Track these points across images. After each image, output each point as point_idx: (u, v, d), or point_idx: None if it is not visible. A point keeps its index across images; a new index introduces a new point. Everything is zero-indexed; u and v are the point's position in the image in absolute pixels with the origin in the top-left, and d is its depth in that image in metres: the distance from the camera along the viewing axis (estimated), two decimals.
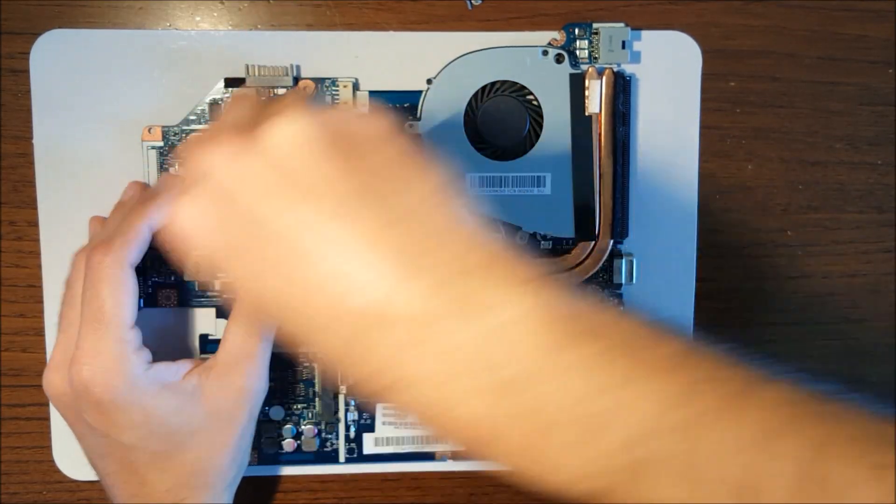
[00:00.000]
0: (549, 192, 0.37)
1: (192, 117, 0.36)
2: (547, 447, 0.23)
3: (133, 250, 0.32)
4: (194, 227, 0.25)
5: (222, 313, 0.37)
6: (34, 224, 0.37)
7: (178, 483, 0.33)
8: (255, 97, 0.28)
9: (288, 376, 0.38)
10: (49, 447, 0.38)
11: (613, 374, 0.22)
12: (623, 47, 0.37)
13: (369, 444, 0.39)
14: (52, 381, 0.32)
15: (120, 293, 0.31)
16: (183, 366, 0.33)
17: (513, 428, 0.23)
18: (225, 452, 0.34)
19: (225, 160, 0.25)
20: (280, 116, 0.25)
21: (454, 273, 0.23)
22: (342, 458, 0.39)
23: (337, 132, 0.25)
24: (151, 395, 0.32)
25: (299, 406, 0.38)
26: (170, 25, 0.37)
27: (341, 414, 0.38)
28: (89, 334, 0.31)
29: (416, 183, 0.25)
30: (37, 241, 0.37)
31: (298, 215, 0.24)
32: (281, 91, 0.36)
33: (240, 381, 0.33)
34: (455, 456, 0.39)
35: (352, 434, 0.38)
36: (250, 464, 0.38)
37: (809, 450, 0.21)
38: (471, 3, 0.35)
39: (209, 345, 0.37)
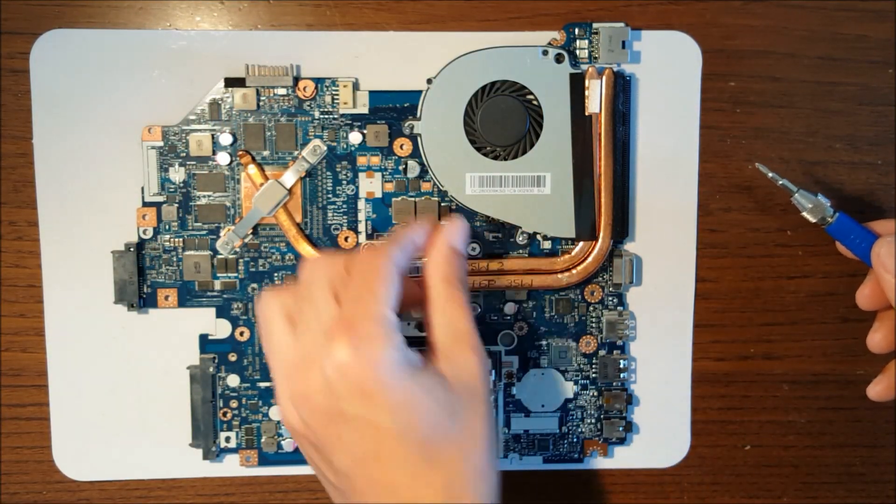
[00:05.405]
0: (549, 192, 0.37)
1: (192, 117, 0.36)
2: None
3: (401, 254, 0.32)
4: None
5: (221, 313, 0.37)
6: (34, 224, 0.37)
7: (451, 476, 0.29)
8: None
9: None
10: (49, 447, 0.38)
11: None
12: (623, 47, 0.37)
13: None
14: (294, 395, 0.30)
15: (387, 281, 0.30)
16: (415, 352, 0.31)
17: None
18: (486, 433, 0.31)
19: None
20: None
21: None
22: None
23: None
24: (410, 375, 0.29)
25: None
26: (170, 25, 0.37)
27: None
28: (350, 310, 0.29)
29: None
30: (37, 241, 0.37)
31: None
32: (280, 91, 0.36)
33: (470, 354, 0.31)
34: None
35: None
36: (250, 464, 0.38)
37: None
38: None
39: (209, 345, 0.37)
